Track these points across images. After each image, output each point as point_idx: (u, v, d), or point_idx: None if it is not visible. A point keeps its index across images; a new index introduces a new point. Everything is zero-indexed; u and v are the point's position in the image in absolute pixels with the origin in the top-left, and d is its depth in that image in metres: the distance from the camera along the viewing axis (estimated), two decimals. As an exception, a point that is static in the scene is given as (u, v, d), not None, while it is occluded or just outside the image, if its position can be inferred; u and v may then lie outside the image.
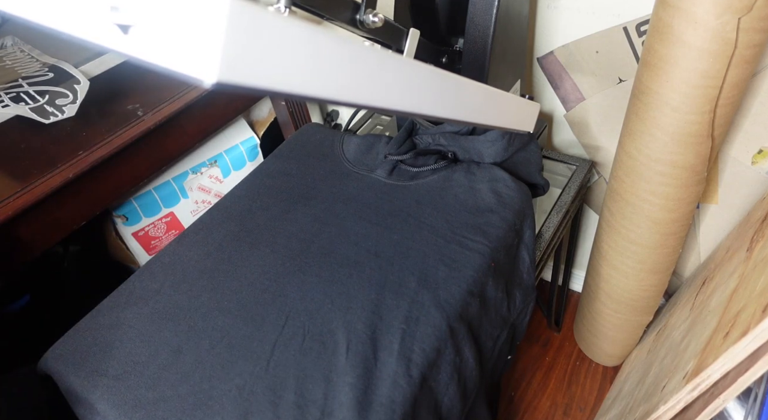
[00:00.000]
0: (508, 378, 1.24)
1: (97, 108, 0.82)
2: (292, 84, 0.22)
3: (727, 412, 0.70)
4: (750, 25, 0.58)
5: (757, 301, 0.59)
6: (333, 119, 1.31)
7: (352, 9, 0.46)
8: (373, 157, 0.81)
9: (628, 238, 0.88)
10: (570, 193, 0.90)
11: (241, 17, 0.19)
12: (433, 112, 0.34)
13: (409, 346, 0.56)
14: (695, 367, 0.65)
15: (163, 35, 0.19)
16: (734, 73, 0.62)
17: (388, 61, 0.28)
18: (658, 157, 0.73)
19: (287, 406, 0.52)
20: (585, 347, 1.25)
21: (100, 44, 0.22)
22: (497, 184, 0.72)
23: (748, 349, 0.55)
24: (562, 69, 0.93)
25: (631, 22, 0.81)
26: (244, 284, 0.65)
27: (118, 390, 0.56)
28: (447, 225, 0.68)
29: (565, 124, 1.02)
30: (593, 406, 1.17)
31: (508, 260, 0.70)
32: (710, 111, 0.66)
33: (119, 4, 0.20)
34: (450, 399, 0.59)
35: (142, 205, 0.94)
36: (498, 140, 0.73)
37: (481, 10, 0.66)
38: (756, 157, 0.85)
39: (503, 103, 0.46)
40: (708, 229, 0.99)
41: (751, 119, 0.81)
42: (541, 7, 0.87)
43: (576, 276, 1.36)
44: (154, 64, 0.20)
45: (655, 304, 1.02)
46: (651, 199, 0.79)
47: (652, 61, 0.67)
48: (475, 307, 0.63)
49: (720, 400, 0.59)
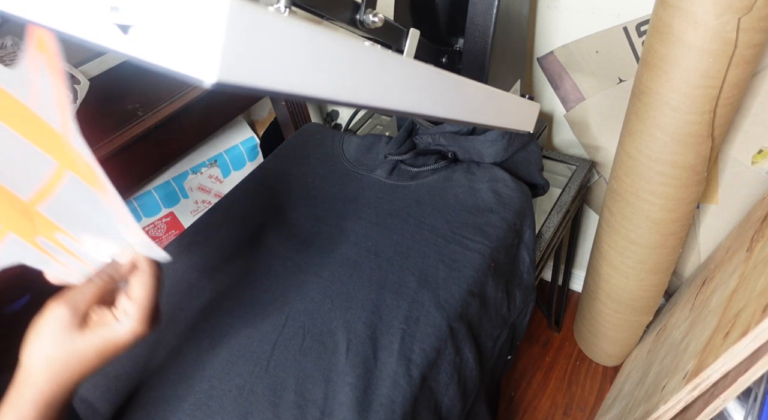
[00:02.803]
0: (508, 378, 1.24)
1: (97, 108, 0.82)
2: (292, 84, 0.22)
3: (727, 412, 0.70)
4: (750, 25, 0.58)
5: (757, 301, 0.59)
6: (333, 119, 1.31)
7: (352, 9, 0.46)
8: (373, 157, 0.81)
9: (628, 238, 0.88)
10: (570, 193, 0.90)
11: (241, 17, 0.19)
12: (433, 112, 0.34)
13: (409, 346, 0.56)
14: (695, 367, 0.65)
15: (163, 35, 0.19)
16: (734, 73, 0.62)
17: (388, 61, 0.28)
18: (658, 157, 0.73)
19: (287, 406, 0.52)
20: (585, 347, 1.25)
21: (100, 44, 0.22)
22: (497, 184, 0.72)
23: (748, 349, 0.55)
24: (562, 69, 0.93)
25: (631, 22, 0.81)
26: (243, 284, 0.65)
27: (118, 390, 0.56)
28: (447, 225, 0.68)
29: (565, 124, 1.02)
30: (593, 406, 1.17)
31: (508, 260, 0.70)
32: (710, 111, 0.66)
33: (119, 4, 0.20)
34: (450, 399, 0.59)
35: (142, 204, 0.94)
36: (498, 140, 0.73)
37: (481, 10, 0.66)
38: (756, 157, 0.85)
39: (503, 103, 0.46)
40: (708, 229, 0.99)
41: (751, 119, 0.81)
42: (541, 7, 0.87)
43: (576, 276, 1.36)
44: (154, 64, 0.20)
45: (655, 304, 1.02)
46: (651, 199, 0.79)
47: (652, 61, 0.67)
48: (475, 307, 0.63)
49: (720, 400, 0.59)
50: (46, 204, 0.39)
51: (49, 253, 0.40)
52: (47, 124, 0.37)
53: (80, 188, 0.39)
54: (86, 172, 0.38)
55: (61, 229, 0.40)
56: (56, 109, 0.36)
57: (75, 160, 0.38)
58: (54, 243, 0.40)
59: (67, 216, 0.40)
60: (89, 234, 0.40)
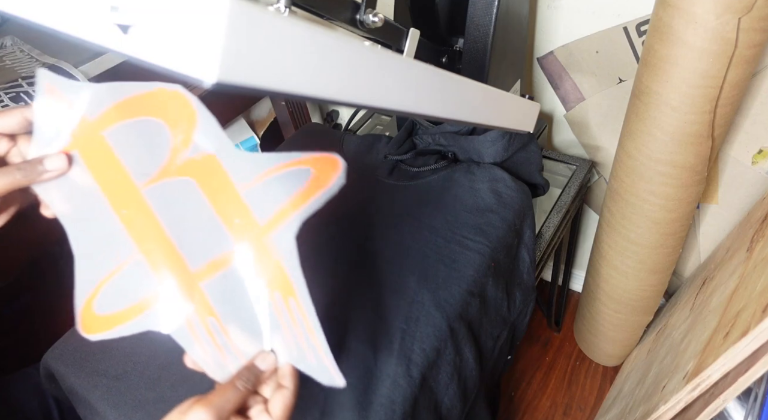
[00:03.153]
0: (508, 378, 1.24)
1: (97, 108, 0.81)
2: (292, 84, 0.22)
3: (727, 412, 0.70)
4: (750, 25, 0.58)
5: (757, 301, 0.59)
6: (333, 119, 1.31)
7: (352, 9, 0.46)
8: (373, 157, 0.81)
9: (628, 238, 0.88)
10: (570, 193, 0.90)
11: (241, 17, 0.19)
12: (433, 112, 0.34)
13: (409, 346, 0.55)
14: (695, 367, 0.65)
15: (163, 35, 0.19)
16: (734, 73, 0.62)
17: (388, 61, 0.28)
18: (658, 157, 0.73)
19: (287, 406, 0.52)
20: (585, 347, 1.25)
21: (100, 44, 0.22)
22: (497, 184, 0.72)
23: (748, 349, 0.55)
24: (562, 69, 0.93)
25: (631, 22, 0.81)
26: (244, 284, 0.65)
27: (118, 390, 0.56)
28: (447, 225, 0.68)
29: (565, 124, 1.02)
30: (593, 406, 1.17)
31: (508, 260, 0.69)
32: (710, 111, 0.66)
33: (119, 4, 0.20)
34: (450, 399, 0.59)
35: (142, 205, 0.94)
36: (498, 140, 0.73)
37: (481, 10, 0.66)
38: (756, 157, 0.85)
39: (503, 103, 0.46)
40: (708, 229, 0.99)
41: (751, 119, 0.81)
42: (541, 7, 0.87)
43: (576, 276, 1.36)
44: (154, 64, 0.20)
45: (655, 304, 1.02)
46: (651, 199, 0.79)
47: (652, 61, 0.67)
48: (475, 307, 0.63)
49: (720, 400, 0.59)
50: (208, 282, 0.37)
51: (197, 336, 0.37)
52: (249, 210, 0.36)
53: (247, 276, 0.37)
54: (276, 274, 0.36)
55: (215, 313, 0.37)
56: (277, 207, 0.35)
57: (266, 257, 0.36)
58: (204, 326, 0.37)
59: (226, 302, 0.37)
60: (240, 328, 0.38)
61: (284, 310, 0.37)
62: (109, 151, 0.35)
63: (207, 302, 0.37)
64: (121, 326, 0.36)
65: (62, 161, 0.34)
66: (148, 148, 0.35)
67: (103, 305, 0.36)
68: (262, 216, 0.36)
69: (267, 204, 0.36)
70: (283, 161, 0.35)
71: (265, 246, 0.36)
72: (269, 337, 0.38)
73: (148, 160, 0.36)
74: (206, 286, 0.37)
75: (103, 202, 0.36)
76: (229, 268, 0.37)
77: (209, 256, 0.37)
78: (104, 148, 0.35)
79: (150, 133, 0.35)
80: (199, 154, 0.35)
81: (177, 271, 0.37)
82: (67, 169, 0.35)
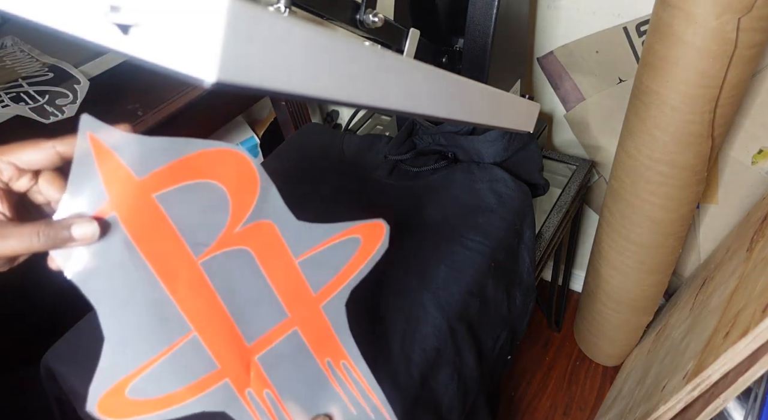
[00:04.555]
0: (508, 378, 1.24)
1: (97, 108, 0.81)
2: (292, 84, 0.22)
3: (727, 412, 0.70)
4: (750, 25, 0.58)
5: (757, 301, 0.59)
6: (333, 119, 1.31)
7: (352, 9, 0.46)
8: (373, 157, 0.81)
9: (628, 238, 0.88)
10: (570, 193, 0.90)
11: (241, 17, 0.19)
12: (433, 112, 0.34)
13: (409, 346, 0.55)
14: (695, 367, 0.65)
15: (163, 35, 0.19)
16: (734, 73, 0.62)
17: (388, 61, 0.28)
18: (658, 157, 0.73)
19: (287, 406, 0.52)
20: (585, 347, 1.25)
21: (100, 44, 0.22)
22: (497, 184, 0.72)
23: (748, 349, 0.55)
24: (562, 69, 0.93)
25: (631, 22, 0.81)
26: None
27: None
28: (447, 225, 0.68)
29: (565, 124, 1.02)
30: (593, 406, 1.17)
31: (508, 260, 0.69)
32: (710, 111, 0.66)
33: (119, 4, 0.20)
34: (450, 399, 0.59)
35: (143, 205, 0.94)
36: (498, 140, 0.73)
37: (481, 10, 0.66)
38: (756, 157, 0.85)
39: (503, 103, 0.46)
40: (708, 229, 0.99)
41: (751, 119, 0.81)
42: (541, 7, 0.87)
43: (576, 276, 1.36)
44: (155, 64, 0.20)
45: (655, 304, 1.02)
46: (651, 199, 0.79)
47: (652, 61, 0.67)
48: (475, 307, 0.62)
49: (720, 400, 0.59)
50: (264, 355, 0.36)
51: (254, 411, 0.36)
52: (304, 280, 0.35)
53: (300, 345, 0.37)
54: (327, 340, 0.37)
55: (271, 386, 0.36)
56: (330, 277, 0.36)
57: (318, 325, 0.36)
58: (261, 401, 0.36)
59: (280, 373, 0.37)
60: (295, 399, 0.37)
61: (338, 373, 0.38)
62: (161, 217, 0.31)
63: (263, 376, 0.36)
64: (168, 410, 0.33)
65: (94, 229, 0.29)
66: (207, 215, 0.32)
67: (143, 390, 0.32)
68: (315, 286, 0.36)
69: (321, 274, 0.36)
70: (337, 232, 0.36)
71: (317, 315, 0.37)
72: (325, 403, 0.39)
73: (206, 229, 0.32)
74: (262, 359, 0.36)
75: (150, 275, 0.31)
76: (282, 339, 0.37)
77: (265, 328, 0.36)
78: (156, 213, 0.30)
79: (209, 198, 0.32)
80: (257, 222, 0.33)
81: (235, 348, 0.35)
82: (98, 238, 0.29)
